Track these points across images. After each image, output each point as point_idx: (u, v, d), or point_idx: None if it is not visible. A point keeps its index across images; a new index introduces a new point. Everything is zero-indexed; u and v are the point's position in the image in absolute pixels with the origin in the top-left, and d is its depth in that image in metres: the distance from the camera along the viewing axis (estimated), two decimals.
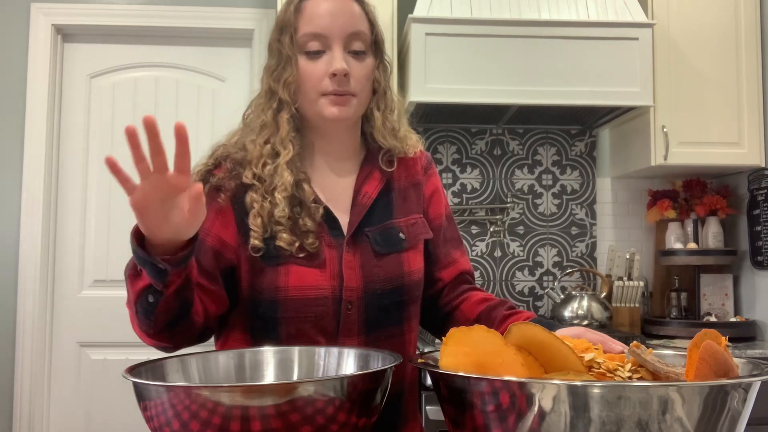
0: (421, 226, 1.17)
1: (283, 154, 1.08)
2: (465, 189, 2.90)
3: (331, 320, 1.06)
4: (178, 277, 0.90)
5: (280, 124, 1.09)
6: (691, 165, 2.60)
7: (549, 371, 0.73)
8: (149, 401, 0.72)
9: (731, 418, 0.66)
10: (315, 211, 1.07)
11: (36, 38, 2.82)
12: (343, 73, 1.06)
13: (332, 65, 1.06)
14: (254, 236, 1.05)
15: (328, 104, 1.08)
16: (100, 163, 2.89)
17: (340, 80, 1.07)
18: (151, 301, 0.91)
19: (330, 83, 1.07)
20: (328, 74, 1.07)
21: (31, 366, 2.73)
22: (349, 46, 1.09)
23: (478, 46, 2.38)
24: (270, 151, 1.08)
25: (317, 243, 1.06)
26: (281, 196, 1.05)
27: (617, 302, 2.72)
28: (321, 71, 1.07)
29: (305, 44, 1.08)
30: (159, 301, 0.91)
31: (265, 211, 1.05)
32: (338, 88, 1.07)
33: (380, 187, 1.15)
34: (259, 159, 1.08)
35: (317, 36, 1.07)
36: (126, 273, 0.94)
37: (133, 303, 0.94)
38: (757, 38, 2.60)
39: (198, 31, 2.91)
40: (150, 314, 0.93)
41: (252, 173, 1.08)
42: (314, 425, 0.70)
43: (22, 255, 2.75)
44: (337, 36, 1.07)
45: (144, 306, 0.92)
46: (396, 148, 1.17)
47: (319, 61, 1.08)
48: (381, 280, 1.09)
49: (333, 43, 1.07)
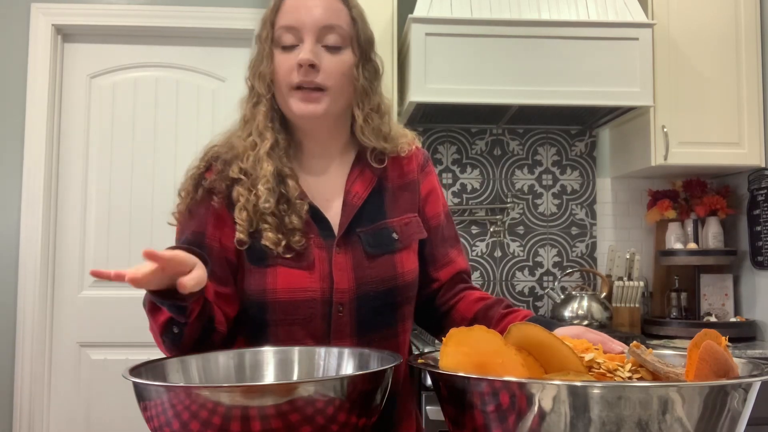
0: (415, 225, 1.15)
1: (260, 145, 1.07)
2: (465, 189, 2.90)
3: (321, 323, 1.05)
4: (197, 305, 0.94)
5: (257, 116, 1.09)
6: (691, 165, 2.60)
7: (549, 371, 0.73)
8: (149, 401, 0.72)
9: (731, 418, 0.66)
10: (300, 207, 1.06)
11: (36, 38, 2.81)
12: (307, 63, 1.04)
13: (298, 56, 1.05)
14: (239, 230, 1.04)
15: (298, 100, 1.07)
16: (100, 163, 2.89)
17: (306, 71, 1.05)
18: (176, 331, 0.95)
19: (296, 74, 1.06)
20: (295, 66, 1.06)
21: (31, 366, 2.73)
22: (323, 40, 1.07)
23: (478, 46, 2.38)
24: (251, 143, 1.08)
25: (303, 241, 1.05)
26: (264, 188, 1.05)
27: (617, 302, 2.72)
28: (290, 63, 1.06)
29: (280, 38, 1.08)
30: (183, 330, 0.95)
31: (250, 204, 1.05)
32: (304, 78, 1.05)
33: (371, 186, 1.14)
34: (243, 153, 1.08)
35: (290, 29, 1.07)
36: (145, 307, 0.97)
37: (158, 333, 0.98)
38: (757, 38, 2.60)
39: (198, 31, 2.91)
40: (177, 342, 0.97)
41: (238, 168, 1.08)
42: (314, 425, 0.70)
43: (22, 255, 2.75)
44: (309, 28, 1.06)
45: (170, 337, 0.97)
46: (385, 149, 1.15)
47: (291, 53, 1.07)
48: (374, 282, 1.07)
49: (304, 35, 1.06)
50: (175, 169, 2.81)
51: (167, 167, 2.85)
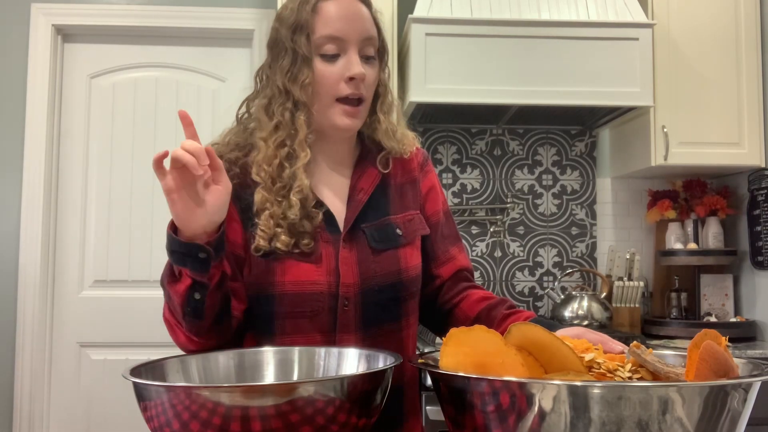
0: (417, 222, 1.17)
1: (301, 157, 1.07)
2: (465, 189, 2.90)
3: (328, 316, 1.06)
4: (217, 270, 0.95)
5: (298, 126, 1.08)
6: (691, 165, 2.60)
7: (549, 371, 0.73)
8: (149, 401, 0.72)
9: (731, 419, 0.66)
10: (315, 215, 1.07)
11: (36, 38, 2.81)
12: (361, 78, 1.07)
13: (350, 69, 1.06)
14: (261, 236, 1.05)
15: (342, 114, 1.08)
16: (100, 163, 2.89)
17: (357, 84, 1.07)
18: (197, 298, 0.95)
19: (346, 87, 1.07)
20: (344, 78, 1.07)
21: (31, 366, 2.73)
22: (363, 51, 1.09)
23: (478, 46, 2.38)
24: (286, 153, 1.08)
25: (312, 243, 1.06)
26: (296, 198, 1.05)
27: (617, 302, 2.72)
28: (337, 75, 1.07)
29: (321, 46, 1.07)
30: (205, 297, 0.95)
31: (278, 213, 1.05)
32: (355, 91, 1.07)
33: (376, 183, 1.15)
34: (272, 159, 1.07)
35: (334, 39, 1.07)
36: (164, 283, 0.98)
37: (179, 307, 0.96)
38: (757, 38, 2.60)
39: (198, 31, 2.91)
40: (200, 312, 0.96)
41: (264, 172, 1.07)
42: (314, 425, 0.70)
43: (22, 255, 2.75)
44: (354, 40, 1.08)
45: (192, 305, 0.96)
46: (394, 150, 1.17)
47: (334, 64, 1.07)
48: (378, 276, 1.09)
49: (349, 47, 1.07)
50: None
51: None
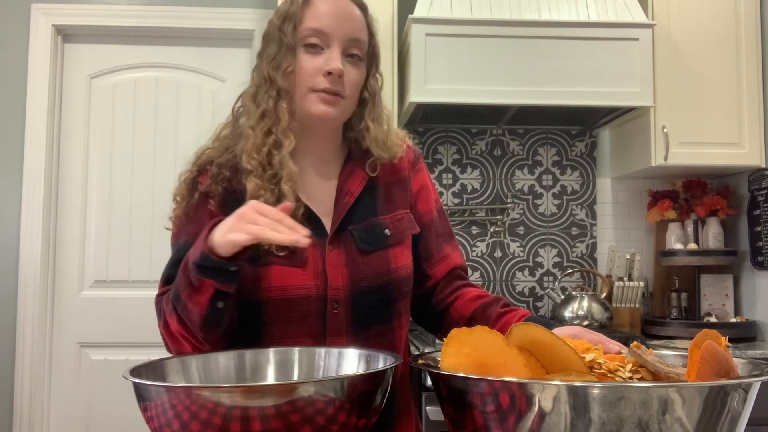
0: (407, 221, 1.16)
1: (286, 145, 1.07)
2: (465, 189, 2.90)
3: (316, 320, 1.05)
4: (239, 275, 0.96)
5: (281, 114, 1.08)
6: (692, 165, 2.60)
7: (551, 372, 0.73)
8: (149, 402, 0.72)
9: (731, 419, 0.66)
10: (296, 210, 1.06)
11: (36, 38, 2.81)
12: (338, 74, 1.07)
13: (329, 64, 1.06)
14: None
15: (317, 101, 1.08)
16: (100, 163, 2.89)
17: (334, 80, 1.07)
18: (220, 306, 0.95)
19: (323, 80, 1.07)
20: (323, 72, 1.07)
21: (31, 366, 2.73)
22: (348, 50, 1.09)
23: (479, 46, 2.38)
24: (273, 141, 1.08)
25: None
26: (287, 187, 1.05)
27: (617, 303, 2.72)
28: (316, 67, 1.07)
29: (306, 37, 1.08)
30: (228, 304, 0.95)
31: (271, 201, 1.04)
32: (330, 86, 1.07)
33: (363, 185, 1.15)
34: (261, 147, 1.07)
35: (319, 33, 1.08)
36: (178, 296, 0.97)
37: (200, 317, 0.96)
38: (757, 38, 2.60)
39: (198, 32, 2.91)
40: (221, 319, 0.97)
41: (255, 160, 1.07)
42: (314, 426, 0.70)
43: (23, 255, 2.75)
44: (339, 37, 1.08)
45: (215, 314, 0.96)
46: (382, 158, 1.16)
47: (316, 57, 1.08)
48: (368, 278, 1.08)
49: (333, 42, 1.08)
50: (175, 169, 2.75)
51: (167, 167, 2.85)
